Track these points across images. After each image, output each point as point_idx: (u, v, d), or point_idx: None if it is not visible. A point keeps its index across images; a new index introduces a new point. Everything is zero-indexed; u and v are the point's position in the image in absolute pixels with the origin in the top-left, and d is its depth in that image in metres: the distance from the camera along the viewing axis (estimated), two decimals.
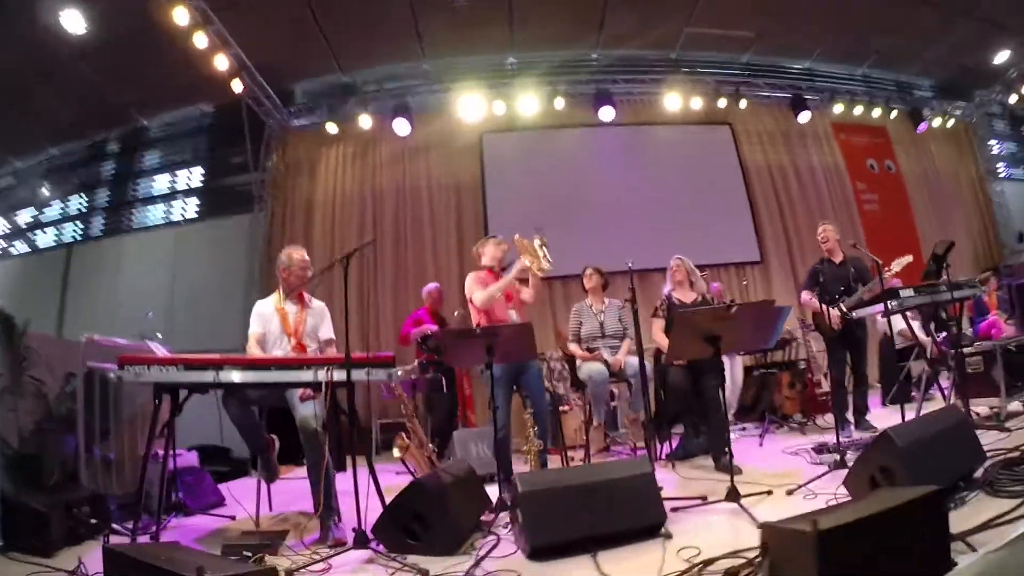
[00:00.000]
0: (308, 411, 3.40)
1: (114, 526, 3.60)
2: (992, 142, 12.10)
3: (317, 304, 4.14)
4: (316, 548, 3.06)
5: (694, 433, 5.14)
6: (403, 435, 4.68)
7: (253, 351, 3.78)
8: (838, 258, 5.56)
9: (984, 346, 5.51)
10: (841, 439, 4.34)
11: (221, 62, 7.61)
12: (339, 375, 3.04)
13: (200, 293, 9.16)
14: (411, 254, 9.25)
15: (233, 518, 4.02)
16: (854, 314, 5.07)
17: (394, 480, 4.50)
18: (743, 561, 2.16)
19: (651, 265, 6.78)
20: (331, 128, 9.45)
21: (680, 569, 2.26)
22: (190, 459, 5.16)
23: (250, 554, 2.79)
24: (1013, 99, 10.83)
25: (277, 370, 3.16)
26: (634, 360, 4.67)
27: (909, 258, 5.14)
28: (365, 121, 9.29)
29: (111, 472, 4.24)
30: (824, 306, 5.18)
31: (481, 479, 3.76)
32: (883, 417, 5.33)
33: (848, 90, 10.79)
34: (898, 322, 5.78)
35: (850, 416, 5.31)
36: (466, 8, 8.38)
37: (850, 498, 2.75)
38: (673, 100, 9.57)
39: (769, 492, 3.32)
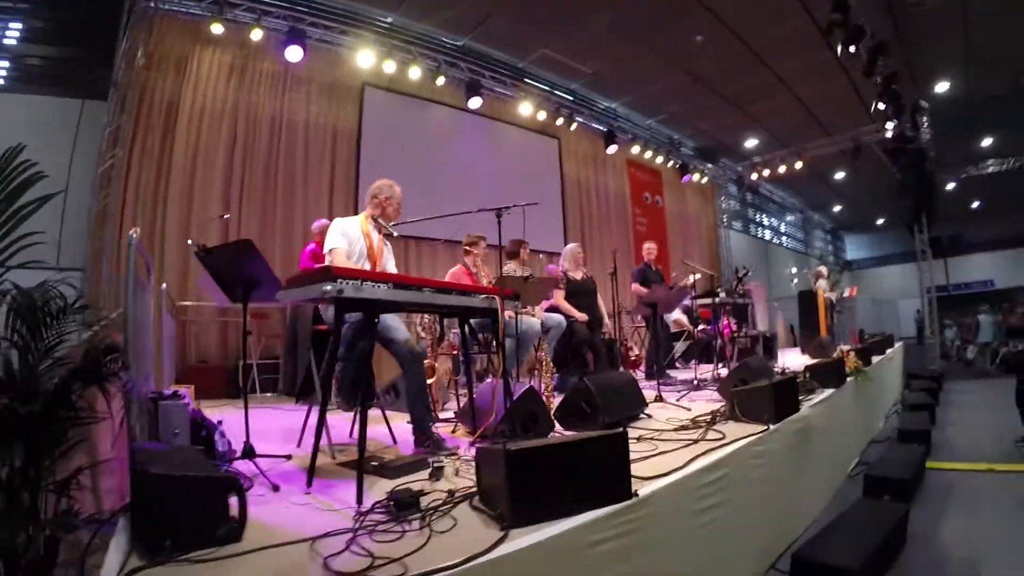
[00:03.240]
0: (408, 335, 3.60)
1: None
2: (721, 201, 16.09)
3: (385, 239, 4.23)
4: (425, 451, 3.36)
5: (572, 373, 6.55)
6: None
7: (345, 266, 3.63)
8: (655, 266, 7.92)
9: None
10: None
11: None
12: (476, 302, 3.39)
13: None
14: (281, 188, 9.04)
15: (289, 457, 3.54)
16: None
17: None
18: None
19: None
20: (216, 29, 8.43)
21: None
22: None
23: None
24: (754, 176, 14.76)
25: (459, 295, 3.30)
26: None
27: (698, 275, 7.69)
28: (256, 34, 8.71)
29: None
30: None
31: None
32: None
33: (642, 136, 13.70)
34: (676, 313, 8.37)
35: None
36: None
37: None
38: (526, 107, 11.38)
39: None
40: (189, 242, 7.23)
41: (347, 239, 3.84)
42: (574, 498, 2.12)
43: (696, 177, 15.19)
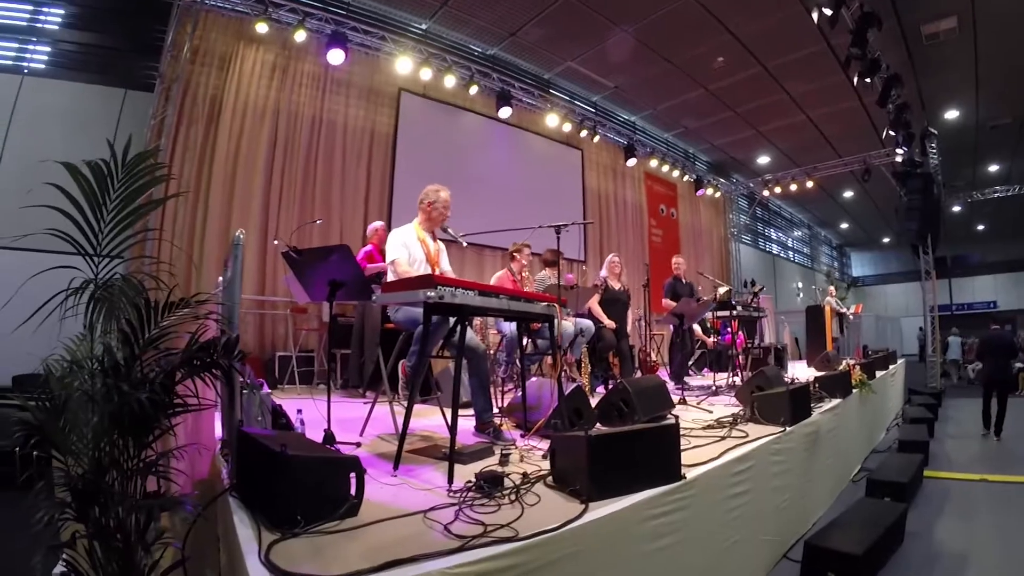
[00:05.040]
0: (472, 333, 3.95)
1: None
2: (732, 215, 16.54)
3: (439, 241, 4.50)
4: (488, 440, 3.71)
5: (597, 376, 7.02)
6: None
7: (408, 273, 3.97)
8: (684, 279, 8.35)
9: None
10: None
11: None
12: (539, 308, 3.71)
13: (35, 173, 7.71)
14: (319, 186, 9.32)
15: (358, 445, 3.67)
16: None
17: None
18: None
19: (502, 244, 8.08)
20: (261, 28, 8.64)
21: None
22: None
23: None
24: (765, 193, 15.21)
25: (526, 302, 3.59)
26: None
27: (726, 287, 8.13)
28: (300, 35, 9.03)
29: None
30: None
31: None
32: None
33: (659, 150, 14.15)
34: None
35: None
36: None
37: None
38: (552, 118, 11.82)
39: None
40: (276, 242, 7.55)
41: (407, 248, 4.14)
42: (637, 478, 2.57)
43: (710, 191, 15.68)
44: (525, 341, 4.79)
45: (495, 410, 4.22)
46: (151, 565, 2.46)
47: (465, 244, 4.37)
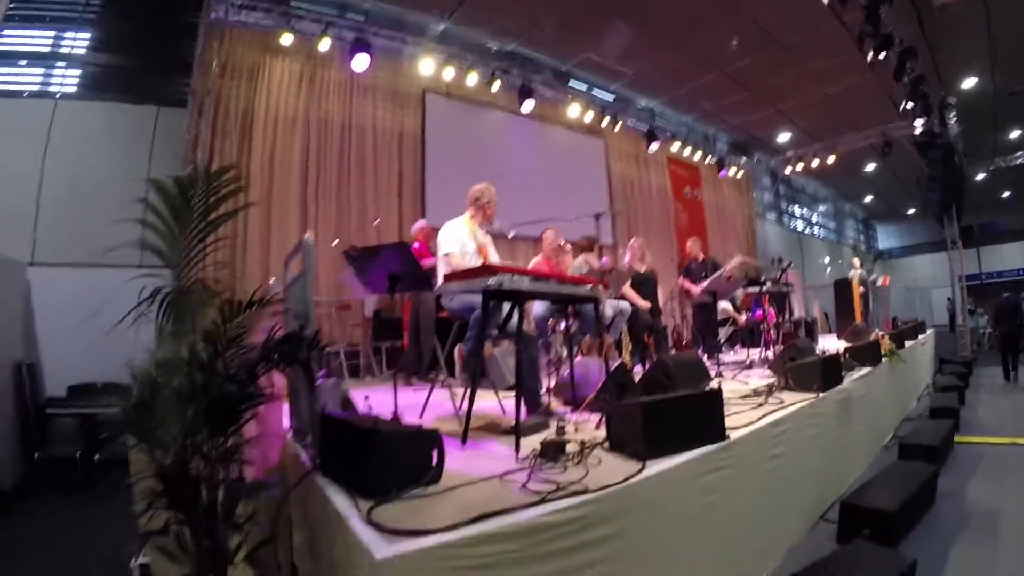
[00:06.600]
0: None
1: None
2: (755, 193, 16.65)
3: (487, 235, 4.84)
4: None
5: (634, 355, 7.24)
6: None
7: (462, 265, 4.28)
8: (700, 259, 8.56)
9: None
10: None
11: None
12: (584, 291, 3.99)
13: (80, 194, 7.91)
14: (354, 189, 9.67)
15: (420, 427, 3.62)
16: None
17: None
18: None
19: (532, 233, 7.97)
20: (286, 40, 8.99)
21: None
22: None
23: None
24: (787, 170, 15.33)
25: (573, 286, 3.88)
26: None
27: (739, 258, 8.31)
28: (324, 44, 9.30)
29: None
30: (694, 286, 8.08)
31: None
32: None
33: (680, 133, 14.31)
34: (722, 303, 9.03)
35: None
36: None
37: None
38: (574, 109, 12.10)
39: None
40: (335, 243, 7.90)
41: (459, 242, 4.47)
42: (686, 438, 2.88)
43: (732, 171, 15.81)
44: (569, 322, 5.10)
45: (543, 389, 4.48)
46: (237, 546, 2.67)
47: (511, 236, 4.65)
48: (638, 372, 5.23)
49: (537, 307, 6.06)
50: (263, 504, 3.09)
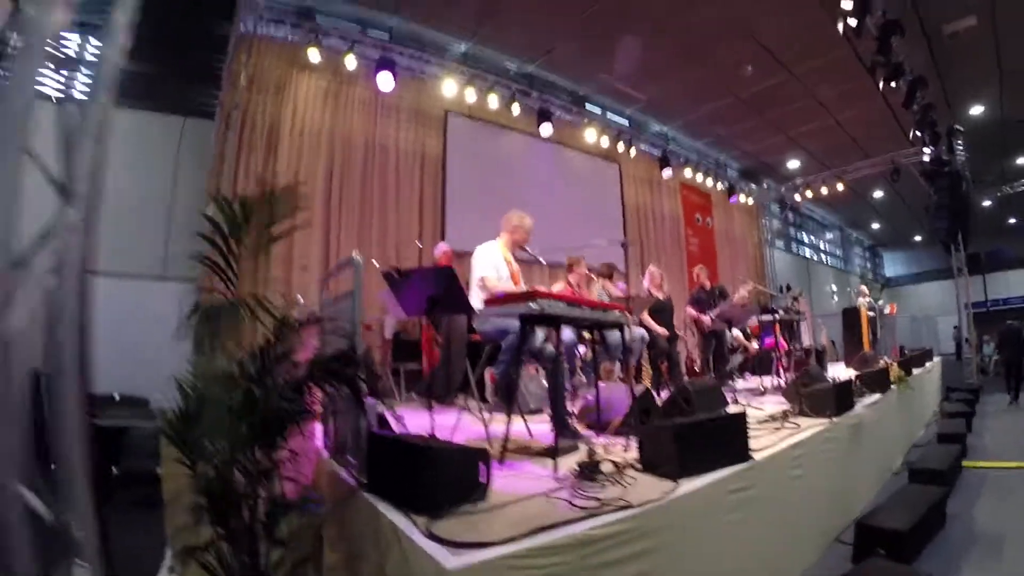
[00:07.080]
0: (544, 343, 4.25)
1: None
2: (764, 220, 16.90)
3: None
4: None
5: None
6: None
7: (496, 288, 4.41)
8: (707, 287, 8.76)
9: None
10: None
11: None
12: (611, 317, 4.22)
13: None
14: (376, 208, 9.78)
15: None
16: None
17: None
18: None
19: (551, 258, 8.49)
20: (313, 55, 9.05)
21: None
22: None
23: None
24: (797, 197, 15.60)
25: (603, 312, 4.09)
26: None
27: (750, 285, 8.54)
28: (350, 61, 9.40)
29: None
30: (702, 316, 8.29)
31: None
32: None
33: (692, 159, 14.58)
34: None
35: None
36: None
37: None
38: (590, 133, 12.37)
39: None
40: (374, 262, 7.97)
41: (494, 267, 4.57)
42: (715, 458, 3.09)
43: (742, 198, 16.07)
44: (587, 348, 5.26)
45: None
46: (275, 563, 2.78)
47: (544, 262, 4.82)
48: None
49: (566, 333, 6.28)
50: (301, 522, 3.16)
